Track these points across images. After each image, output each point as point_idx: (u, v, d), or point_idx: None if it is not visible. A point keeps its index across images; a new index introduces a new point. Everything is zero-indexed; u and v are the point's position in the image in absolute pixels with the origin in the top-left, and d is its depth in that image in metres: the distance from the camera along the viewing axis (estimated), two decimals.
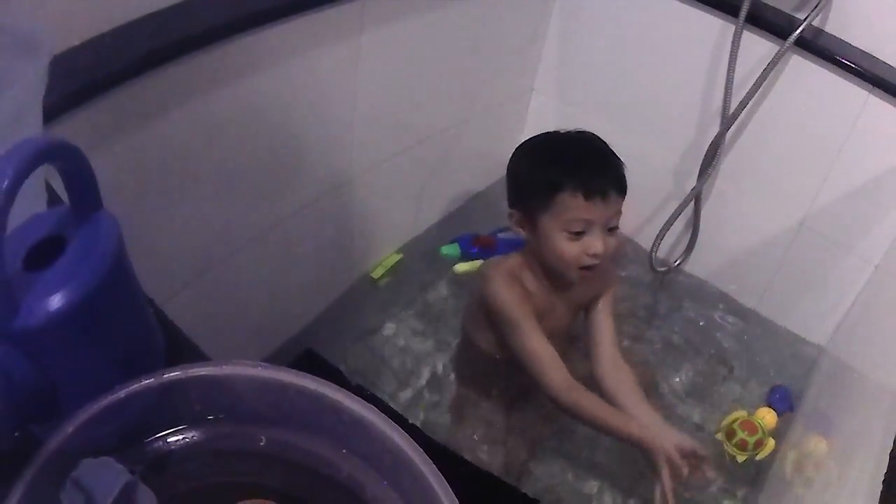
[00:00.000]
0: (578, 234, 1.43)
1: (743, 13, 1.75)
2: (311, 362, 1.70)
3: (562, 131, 1.55)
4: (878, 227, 1.83)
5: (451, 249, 2.07)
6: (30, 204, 0.51)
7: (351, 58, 1.55)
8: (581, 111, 2.22)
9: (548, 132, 1.56)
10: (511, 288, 1.52)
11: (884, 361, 1.37)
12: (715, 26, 1.86)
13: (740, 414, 1.78)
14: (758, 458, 1.73)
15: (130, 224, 1.19)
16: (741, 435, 1.73)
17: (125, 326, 0.59)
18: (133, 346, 0.61)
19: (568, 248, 1.44)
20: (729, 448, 1.73)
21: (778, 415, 1.82)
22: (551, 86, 2.25)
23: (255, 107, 1.39)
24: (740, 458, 1.72)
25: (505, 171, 1.57)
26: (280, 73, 1.40)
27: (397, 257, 2.04)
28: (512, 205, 1.53)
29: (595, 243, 1.43)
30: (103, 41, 1.12)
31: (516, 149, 1.56)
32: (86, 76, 1.06)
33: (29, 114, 0.62)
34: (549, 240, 1.46)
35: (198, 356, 0.71)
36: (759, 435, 1.73)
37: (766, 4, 1.82)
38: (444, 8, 1.72)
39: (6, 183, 0.46)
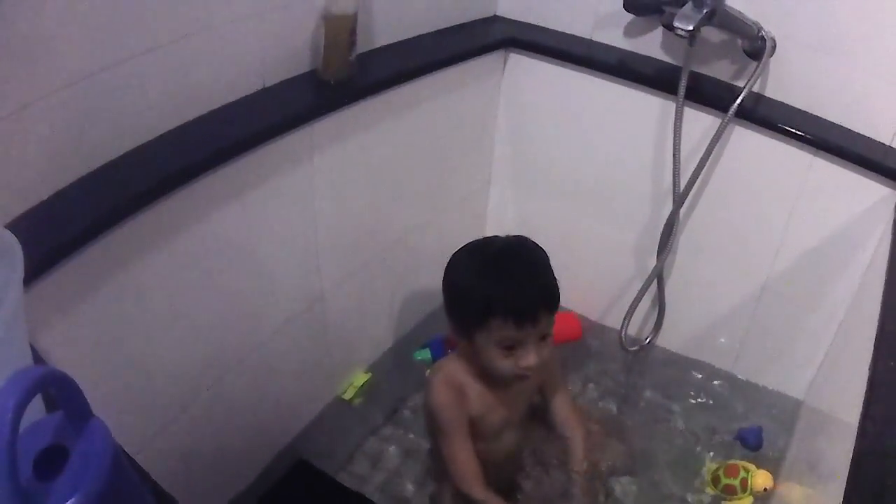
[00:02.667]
0: (511, 350, 1.47)
1: (681, 90, 1.79)
2: (304, 472, 1.74)
3: (494, 240, 1.56)
4: (838, 284, 1.85)
5: (422, 354, 2.08)
6: (30, 409, 0.55)
7: (306, 180, 1.57)
8: (538, 198, 2.25)
9: (482, 240, 1.58)
10: (446, 394, 1.56)
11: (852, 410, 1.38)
12: (656, 105, 1.90)
13: (720, 463, 1.84)
14: (760, 490, 1.76)
15: (118, 367, 1.23)
16: (725, 481, 1.78)
17: None
18: None
19: (501, 363, 1.48)
20: (727, 502, 1.78)
21: (749, 449, 1.91)
22: (507, 176, 2.28)
23: (224, 240, 1.41)
24: (747, 501, 1.76)
25: None
26: (242, 206, 1.42)
27: (366, 377, 2.03)
28: (449, 314, 1.56)
29: (527, 357, 1.47)
30: (68, 196, 1.14)
31: (451, 258, 1.57)
32: (52, 236, 1.07)
33: (16, 327, 0.66)
34: (484, 353, 1.50)
35: None
36: (742, 474, 1.77)
37: (704, 76, 1.87)
38: (390, 119, 1.74)
39: (9, 416, 0.52)
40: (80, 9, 1.09)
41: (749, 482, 1.76)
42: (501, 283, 1.47)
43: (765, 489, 1.76)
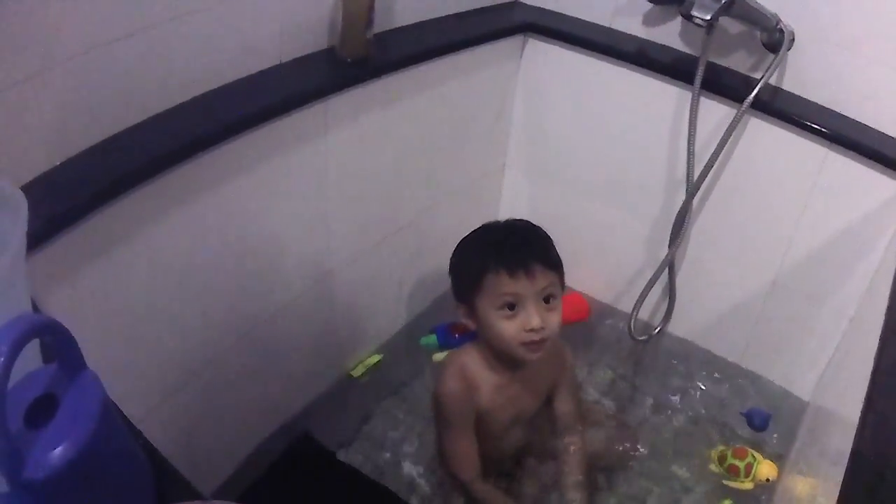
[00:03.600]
0: (513, 311, 1.46)
1: (698, 80, 1.79)
2: (307, 447, 1.75)
3: (494, 222, 1.59)
4: (849, 280, 1.85)
5: (429, 339, 2.08)
6: (26, 361, 0.57)
7: (320, 157, 1.58)
8: (552, 185, 2.25)
9: (483, 225, 1.60)
10: (455, 386, 1.56)
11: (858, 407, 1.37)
12: (673, 95, 1.90)
13: (730, 445, 1.86)
14: (763, 479, 1.78)
15: (124, 334, 1.24)
16: (731, 461, 1.80)
17: (117, 469, 0.67)
18: (126, 483, 0.69)
19: (506, 327, 1.46)
20: (732, 484, 1.79)
21: (754, 429, 1.94)
22: (522, 161, 2.28)
23: (234, 212, 1.42)
24: (747, 486, 1.77)
25: None
26: (254, 179, 1.43)
27: (377, 358, 2.04)
28: (456, 298, 1.57)
29: (530, 318, 1.44)
30: (80, 162, 1.15)
31: (457, 245, 1.59)
32: (66, 199, 1.08)
33: (17, 276, 0.67)
34: (489, 323, 1.48)
35: (183, 486, 0.76)
36: (749, 459, 1.78)
37: (721, 67, 1.87)
38: (406, 99, 1.75)
39: (1, 360, 0.53)
40: None
41: (754, 468, 1.78)
42: (494, 241, 1.51)
43: (767, 479, 1.77)
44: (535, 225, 1.57)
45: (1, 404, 0.52)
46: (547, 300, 1.47)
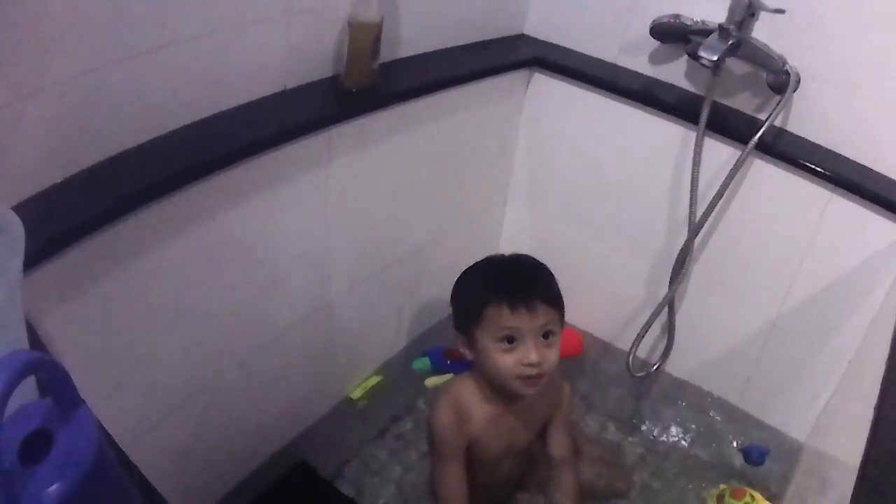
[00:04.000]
0: (511, 345, 1.47)
1: (703, 119, 1.79)
2: (303, 474, 1.74)
3: (498, 255, 1.62)
4: (848, 323, 1.84)
5: (421, 363, 2.07)
6: (21, 393, 0.57)
7: (322, 186, 1.58)
8: (554, 219, 2.25)
9: (486, 257, 1.62)
10: (448, 416, 1.56)
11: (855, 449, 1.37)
12: (677, 134, 1.90)
13: (730, 485, 1.83)
14: None
15: (119, 357, 1.23)
16: (729, 500, 1.77)
17: None
18: None
19: (503, 360, 1.47)
20: None
21: (751, 464, 1.93)
22: (524, 195, 2.28)
23: (234, 239, 1.42)
24: None
25: None
26: (255, 206, 1.42)
27: (377, 379, 2.03)
28: (456, 328, 1.58)
29: (528, 353, 1.46)
30: (78, 183, 1.14)
31: (458, 276, 1.61)
32: (62, 222, 1.07)
33: (13, 306, 0.67)
34: (487, 354, 1.49)
35: None
36: (746, 499, 1.76)
37: (726, 108, 1.87)
38: (410, 131, 1.74)
39: None
40: None
41: None
42: (497, 275, 1.54)
43: None
44: (538, 261, 1.58)
45: None
46: (546, 336, 1.48)
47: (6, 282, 0.62)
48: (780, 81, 1.74)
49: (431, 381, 2.01)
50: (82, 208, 1.10)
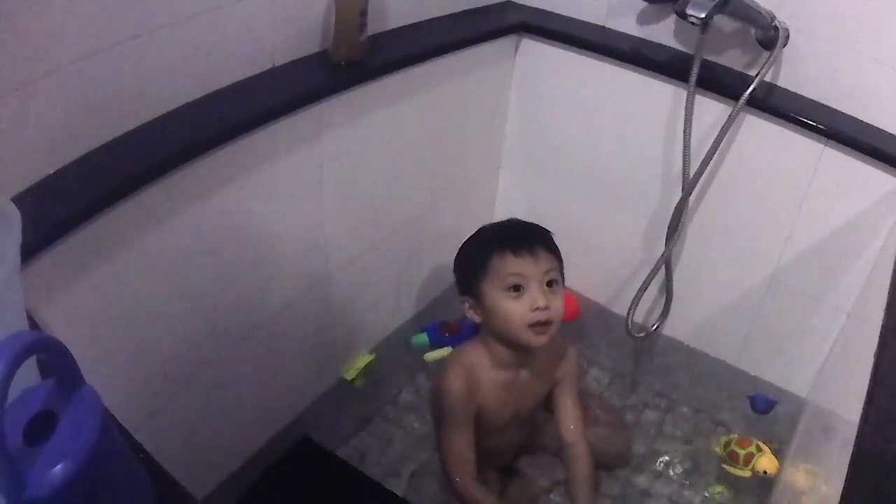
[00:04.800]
0: (518, 292, 1.48)
1: (693, 77, 1.78)
2: (307, 448, 1.74)
3: (493, 222, 1.64)
4: (846, 276, 1.84)
5: (420, 338, 2.08)
6: (23, 377, 0.57)
7: (314, 160, 1.57)
8: (548, 184, 2.25)
9: (483, 225, 1.64)
10: (458, 383, 1.56)
11: (857, 402, 1.37)
12: (668, 93, 1.90)
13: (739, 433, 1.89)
14: (760, 471, 1.78)
15: (121, 342, 1.24)
16: (733, 447, 1.82)
17: (118, 485, 0.67)
18: (127, 498, 0.68)
19: (512, 308, 1.49)
20: (730, 469, 1.81)
21: (756, 412, 1.99)
22: (517, 161, 2.28)
23: (229, 217, 1.42)
24: (744, 474, 1.79)
25: None
26: (249, 183, 1.42)
27: (369, 358, 2.03)
28: (461, 292, 1.59)
29: (536, 297, 1.48)
30: (74, 170, 1.14)
31: (460, 246, 1.64)
32: (60, 208, 1.07)
33: (12, 291, 0.66)
34: (495, 306, 1.50)
35: (184, 499, 0.77)
36: (751, 448, 1.80)
37: (716, 65, 1.86)
38: (400, 102, 1.74)
39: None
40: None
41: (754, 459, 1.79)
42: (497, 231, 1.58)
43: (764, 472, 1.78)
44: (532, 222, 1.61)
45: (0, 428, 0.52)
46: (550, 284, 1.50)
47: (5, 265, 0.62)
48: (769, 37, 1.73)
49: (431, 356, 2.02)
50: (76, 196, 1.10)
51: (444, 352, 2.00)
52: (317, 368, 1.90)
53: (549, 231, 1.58)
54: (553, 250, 1.54)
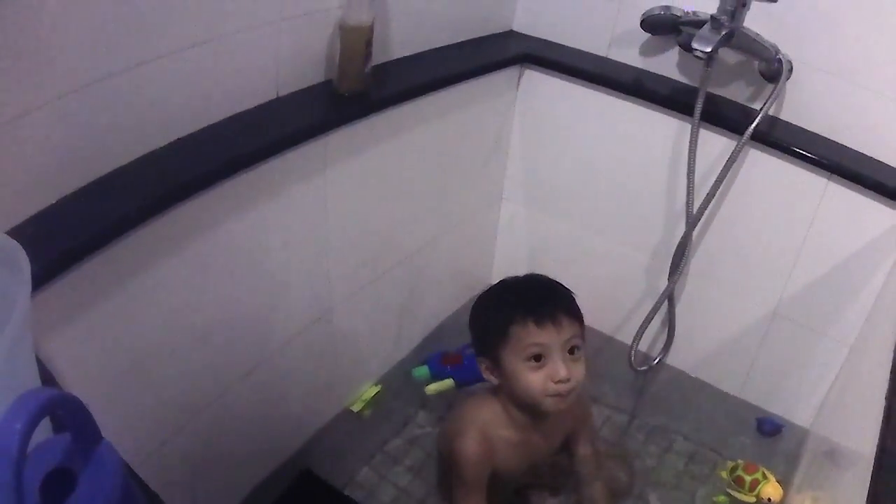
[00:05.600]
0: (539, 362, 1.45)
1: (697, 111, 1.78)
2: (309, 482, 1.74)
3: (512, 277, 1.60)
4: (849, 309, 1.84)
5: (420, 371, 2.06)
6: (37, 429, 0.54)
7: (319, 193, 1.56)
8: (551, 216, 2.24)
9: (500, 280, 1.61)
10: (476, 448, 1.54)
11: (863, 434, 1.37)
12: (672, 126, 1.90)
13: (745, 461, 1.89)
14: (765, 498, 1.80)
15: (126, 375, 1.23)
16: (739, 472, 1.83)
17: None
18: None
19: (533, 379, 1.45)
20: (735, 494, 1.82)
21: (763, 434, 2.02)
22: (520, 193, 2.27)
23: (233, 251, 1.40)
24: (749, 500, 1.80)
25: (481, 288, 1.59)
26: (253, 217, 1.41)
27: (376, 389, 2.02)
28: (478, 353, 1.56)
29: (557, 368, 1.44)
30: (73, 203, 1.13)
31: (474, 302, 1.60)
32: (61, 243, 1.05)
33: (23, 338, 0.65)
34: (515, 375, 1.47)
35: None
36: (757, 475, 1.81)
37: (720, 98, 1.87)
38: (404, 134, 1.74)
39: (17, 439, 0.51)
40: (94, 12, 1.08)
41: (759, 485, 1.79)
42: (519, 293, 1.52)
43: (769, 499, 1.78)
44: (555, 280, 1.57)
45: (19, 489, 0.51)
46: (572, 351, 1.47)
47: (16, 312, 0.61)
48: (773, 70, 1.74)
49: (432, 388, 2.01)
50: (79, 229, 1.09)
51: (446, 384, 1.99)
52: (321, 400, 1.88)
53: (571, 293, 1.54)
54: (575, 314, 1.49)
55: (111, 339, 1.21)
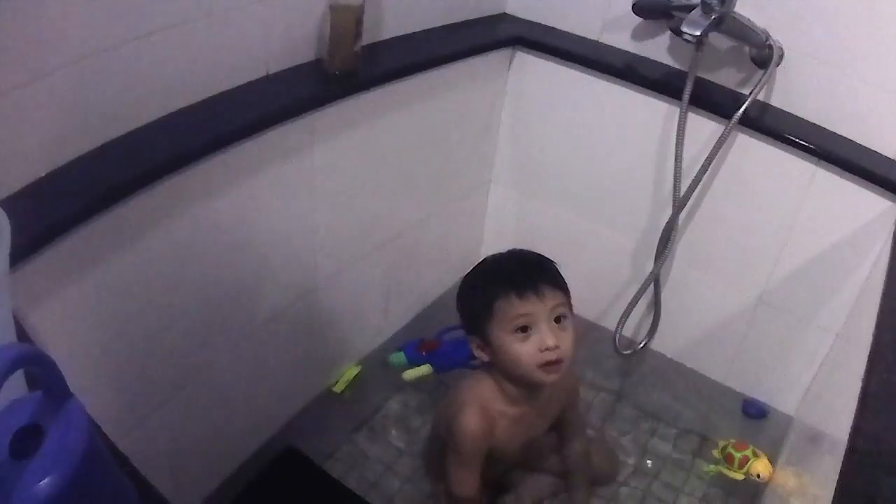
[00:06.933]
0: (526, 333, 1.45)
1: (686, 95, 1.79)
2: (293, 460, 1.74)
3: (495, 254, 1.59)
4: (835, 297, 1.85)
5: (397, 357, 2.05)
6: (10, 389, 0.56)
7: (306, 170, 1.56)
8: (539, 199, 2.24)
9: (483, 258, 1.60)
10: (478, 424, 1.54)
11: (847, 422, 1.38)
12: (661, 110, 1.90)
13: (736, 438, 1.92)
14: (754, 475, 1.81)
15: (109, 349, 1.23)
16: (729, 450, 1.84)
17: (104, 498, 0.66)
18: None
19: (523, 350, 1.45)
20: (725, 471, 1.84)
21: (750, 417, 2.05)
22: (509, 175, 2.27)
23: (220, 225, 1.41)
24: (738, 477, 1.82)
25: (468, 269, 1.59)
26: (241, 192, 1.42)
27: (356, 370, 2.02)
28: (468, 332, 1.56)
29: (544, 336, 1.43)
30: (61, 176, 1.13)
31: (461, 282, 1.59)
32: (50, 213, 1.06)
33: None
34: (504, 349, 1.47)
35: None
36: (747, 452, 1.82)
37: (710, 83, 1.87)
38: (393, 113, 1.74)
39: None
40: None
41: (749, 462, 1.81)
42: (501, 269, 1.52)
43: (758, 475, 1.80)
44: (537, 252, 1.57)
45: None
46: (558, 320, 1.46)
47: None
48: (764, 56, 1.74)
49: (409, 374, 2.00)
50: (66, 202, 1.09)
51: (424, 370, 1.99)
52: (304, 378, 1.89)
53: (552, 262, 1.54)
54: (558, 284, 1.49)
55: (96, 312, 1.21)
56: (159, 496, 0.74)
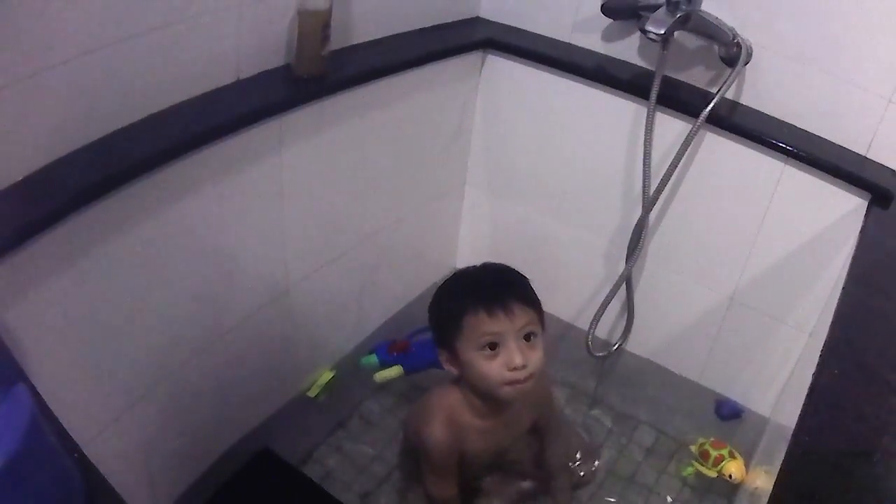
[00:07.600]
0: (494, 351, 1.44)
1: (653, 94, 1.79)
2: (267, 461, 1.73)
3: (468, 267, 1.59)
4: (808, 295, 1.85)
5: (369, 359, 2.05)
6: None
7: (275, 174, 1.57)
8: (512, 201, 2.25)
9: (455, 271, 1.60)
10: (443, 433, 1.54)
11: None
12: (630, 110, 1.90)
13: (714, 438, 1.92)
14: (726, 475, 1.82)
15: (80, 349, 1.24)
16: (706, 447, 1.86)
17: (45, 483, 0.65)
18: (54, 498, 0.67)
19: (489, 368, 1.44)
20: (699, 467, 1.86)
21: (722, 418, 2.06)
22: (482, 178, 2.27)
23: (190, 228, 1.41)
24: (711, 474, 1.83)
25: (443, 271, 1.58)
26: (210, 195, 1.42)
27: (330, 375, 2.01)
28: (437, 345, 1.55)
29: (512, 355, 1.43)
30: (35, 179, 1.13)
31: (435, 292, 1.59)
32: (20, 215, 1.07)
33: None
34: (472, 365, 1.46)
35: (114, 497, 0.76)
36: (723, 451, 1.83)
37: (678, 82, 1.87)
38: (363, 116, 1.74)
39: None
40: None
41: (723, 462, 1.82)
42: (471, 284, 1.51)
43: (730, 475, 1.81)
44: (510, 267, 1.56)
45: None
46: (528, 338, 1.45)
47: None
48: (732, 54, 1.74)
49: (381, 375, 1.99)
50: (36, 205, 1.09)
51: (395, 371, 1.99)
52: (277, 382, 1.88)
53: (525, 279, 1.53)
54: (529, 301, 1.47)
55: (67, 313, 1.21)
56: (106, 484, 0.74)
